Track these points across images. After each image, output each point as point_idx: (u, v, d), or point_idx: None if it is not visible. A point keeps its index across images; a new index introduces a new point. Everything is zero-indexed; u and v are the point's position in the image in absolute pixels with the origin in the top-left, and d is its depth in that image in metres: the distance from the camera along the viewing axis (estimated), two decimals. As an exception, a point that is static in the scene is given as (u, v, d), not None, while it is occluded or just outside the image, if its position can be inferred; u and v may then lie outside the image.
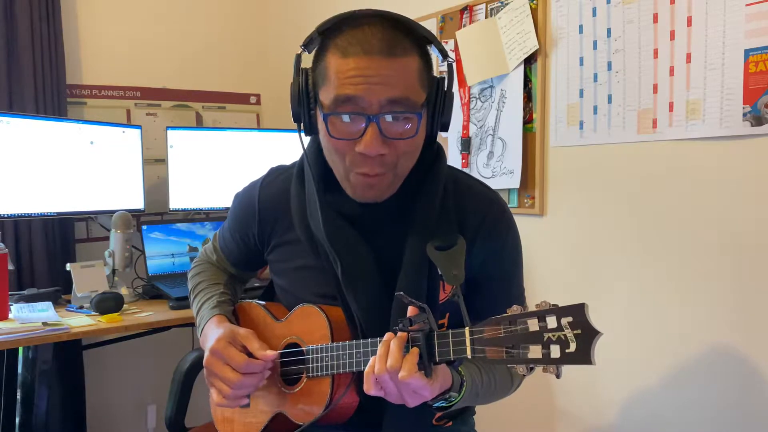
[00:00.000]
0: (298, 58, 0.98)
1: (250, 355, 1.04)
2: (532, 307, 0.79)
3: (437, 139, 1.08)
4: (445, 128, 1.00)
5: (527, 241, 1.14)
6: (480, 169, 2.02)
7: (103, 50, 2.53)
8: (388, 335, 0.87)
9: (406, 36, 0.92)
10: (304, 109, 0.98)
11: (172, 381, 1.57)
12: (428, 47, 0.96)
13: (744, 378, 1.47)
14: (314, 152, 1.06)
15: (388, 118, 0.91)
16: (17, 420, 2.03)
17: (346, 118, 0.92)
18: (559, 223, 1.85)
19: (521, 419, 1.98)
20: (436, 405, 0.94)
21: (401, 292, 0.88)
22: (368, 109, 0.90)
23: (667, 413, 1.62)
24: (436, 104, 0.97)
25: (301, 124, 1.00)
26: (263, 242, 1.17)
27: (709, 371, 1.54)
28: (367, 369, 0.87)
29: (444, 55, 0.97)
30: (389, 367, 0.84)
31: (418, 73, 0.93)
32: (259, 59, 2.93)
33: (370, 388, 0.87)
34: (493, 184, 1.64)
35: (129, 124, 2.53)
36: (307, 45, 0.96)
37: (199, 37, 2.77)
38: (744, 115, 1.42)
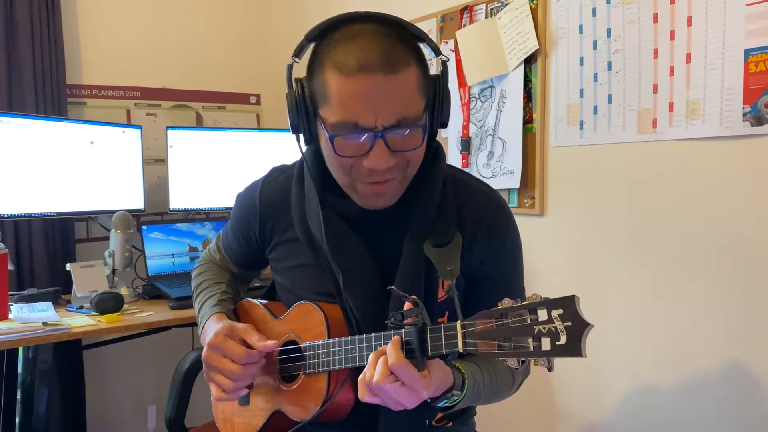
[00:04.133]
0: (290, 68, 0.97)
1: (249, 348, 1.04)
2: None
3: (438, 141, 1.08)
4: (444, 125, 1.00)
5: (527, 241, 1.14)
6: (480, 169, 2.02)
7: (103, 50, 2.53)
8: (376, 353, 0.87)
9: (401, 42, 0.91)
10: (303, 121, 0.97)
11: (172, 381, 1.57)
12: (422, 46, 0.96)
13: (744, 378, 1.47)
14: (313, 156, 1.06)
15: (394, 132, 0.91)
16: (17, 420, 2.03)
17: (351, 137, 0.92)
18: (559, 223, 1.85)
19: (521, 419, 1.98)
20: (439, 405, 0.94)
21: (393, 287, 0.88)
22: (374, 128, 0.90)
23: (667, 413, 1.62)
24: (435, 104, 0.98)
25: (301, 135, 1.00)
26: (264, 241, 1.17)
27: (709, 371, 1.54)
28: (360, 376, 0.88)
29: (437, 52, 0.97)
30: (379, 381, 0.84)
31: (418, 82, 0.92)
32: (259, 59, 2.93)
33: (364, 395, 0.87)
34: (493, 184, 1.64)
35: (129, 124, 2.53)
36: (298, 54, 0.96)
37: (199, 37, 2.77)
38: (744, 115, 1.42)
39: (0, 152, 2.01)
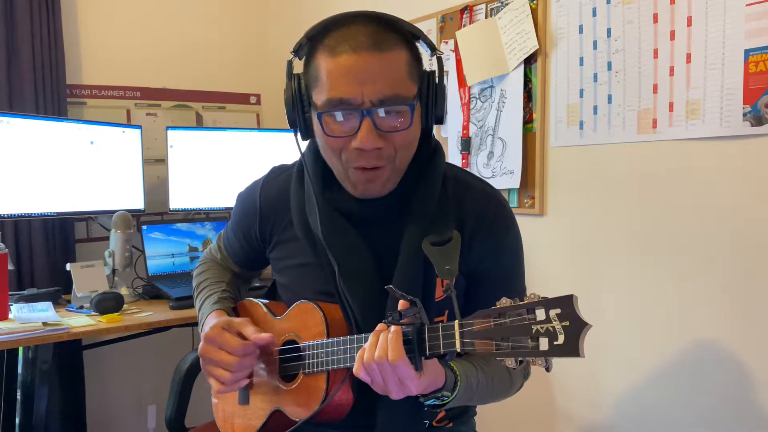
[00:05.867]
0: (290, 64, 0.99)
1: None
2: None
3: (437, 139, 1.09)
4: (440, 121, 1.01)
5: (527, 241, 1.14)
6: (480, 169, 2.02)
7: (103, 50, 2.53)
8: (380, 326, 0.88)
9: (392, 31, 0.94)
10: (299, 114, 0.99)
11: (172, 381, 1.57)
12: (416, 43, 0.98)
13: (743, 377, 1.47)
14: (312, 152, 1.07)
15: (381, 112, 0.92)
16: (17, 420, 2.03)
17: (339, 116, 0.93)
18: (559, 223, 1.85)
19: (521, 419, 1.98)
20: (428, 403, 0.94)
21: (391, 286, 0.88)
22: (361, 105, 0.91)
23: (667, 412, 1.62)
24: (429, 97, 0.98)
25: (298, 129, 1.01)
26: (264, 240, 1.18)
27: (709, 370, 1.54)
28: (359, 352, 0.88)
29: (432, 48, 0.98)
30: (377, 357, 0.85)
31: (407, 66, 0.94)
32: (259, 59, 2.93)
33: (359, 371, 0.88)
34: (493, 184, 1.63)
35: (129, 124, 2.53)
36: (297, 51, 0.98)
37: (199, 37, 2.77)
38: (744, 115, 1.42)
39: (0, 152, 2.01)
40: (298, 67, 0.99)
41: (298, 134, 1.02)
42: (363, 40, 0.90)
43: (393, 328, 0.86)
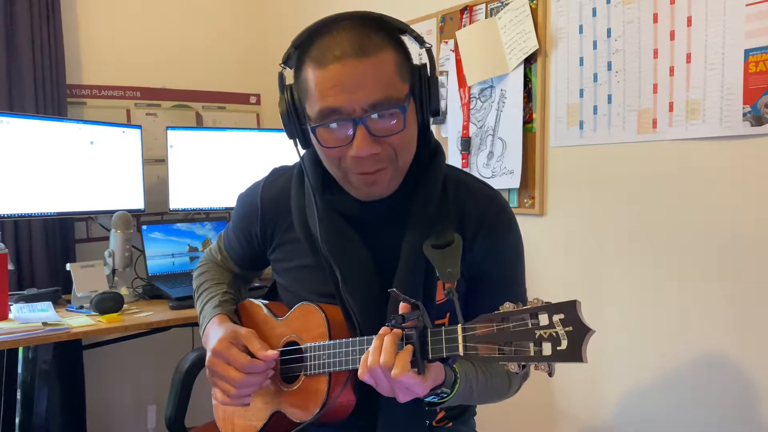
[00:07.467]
0: (281, 76, 1.00)
1: (251, 355, 1.04)
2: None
3: (437, 140, 1.08)
4: (436, 114, 1.00)
5: (527, 241, 1.14)
6: (480, 169, 2.02)
7: (103, 50, 2.53)
8: (383, 329, 0.88)
9: (377, 31, 0.93)
10: (296, 126, 0.99)
11: (172, 381, 1.57)
12: (403, 37, 0.97)
13: (743, 378, 1.47)
14: (311, 154, 1.06)
15: (374, 117, 0.92)
16: (17, 420, 2.03)
17: (333, 126, 0.93)
18: (559, 223, 1.85)
19: (521, 419, 1.98)
20: (427, 400, 0.94)
21: (394, 289, 0.88)
22: (353, 113, 0.91)
23: (667, 413, 1.62)
24: (422, 92, 0.97)
25: (296, 140, 1.01)
26: (265, 242, 1.18)
27: (708, 371, 1.54)
28: (364, 355, 0.88)
29: (421, 42, 0.98)
30: (382, 363, 0.84)
31: (396, 66, 0.93)
32: (259, 59, 2.93)
33: (363, 374, 0.88)
34: (493, 184, 1.64)
35: (129, 124, 2.53)
36: (286, 61, 0.98)
37: (199, 37, 2.77)
38: (744, 115, 1.42)
39: (0, 152, 2.01)
40: (291, 76, 0.99)
41: (298, 143, 1.02)
42: (347, 47, 0.90)
43: (394, 331, 0.86)
